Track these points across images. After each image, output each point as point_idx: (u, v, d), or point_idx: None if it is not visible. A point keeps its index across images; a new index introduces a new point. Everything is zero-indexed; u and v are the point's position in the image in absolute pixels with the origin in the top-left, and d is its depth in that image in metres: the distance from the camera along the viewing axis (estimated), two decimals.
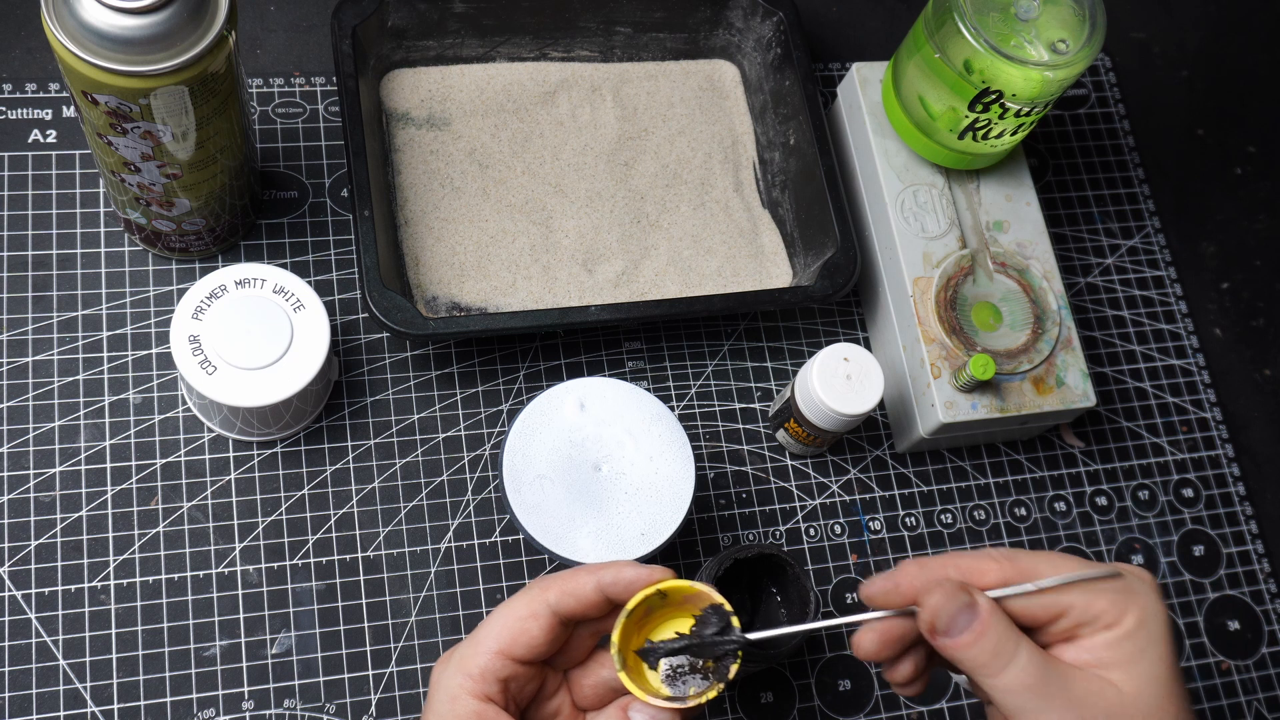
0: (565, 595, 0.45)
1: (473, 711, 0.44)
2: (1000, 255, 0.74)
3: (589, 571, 0.46)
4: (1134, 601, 0.43)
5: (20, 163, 0.71)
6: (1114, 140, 0.89)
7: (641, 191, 0.77)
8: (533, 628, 0.45)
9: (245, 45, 0.78)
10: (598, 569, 0.46)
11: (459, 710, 0.45)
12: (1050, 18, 0.68)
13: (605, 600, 0.46)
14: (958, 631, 0.42)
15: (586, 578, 0.46)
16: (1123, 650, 0.43)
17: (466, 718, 0.44)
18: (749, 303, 0.70)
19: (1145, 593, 0.44)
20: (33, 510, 0.64)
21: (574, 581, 0.46)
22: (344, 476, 0.68)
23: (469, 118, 0.77)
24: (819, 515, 0.73)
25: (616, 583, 0.45)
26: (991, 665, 0.42)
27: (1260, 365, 0.85)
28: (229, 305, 0.62)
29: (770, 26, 0.78)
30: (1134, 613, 0.43)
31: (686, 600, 0.47)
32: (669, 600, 0.46)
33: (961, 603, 0.42)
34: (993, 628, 0.42)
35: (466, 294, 0.72)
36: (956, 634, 0.42)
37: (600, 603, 0.46)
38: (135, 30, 0.53)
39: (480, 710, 0.44)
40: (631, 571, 0.45)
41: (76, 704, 0.61)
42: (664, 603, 0.46)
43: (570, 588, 0.46)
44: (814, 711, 0.68)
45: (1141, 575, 0.44)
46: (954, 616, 0.42)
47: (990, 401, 0.70)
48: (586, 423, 0.62)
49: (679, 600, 0.47)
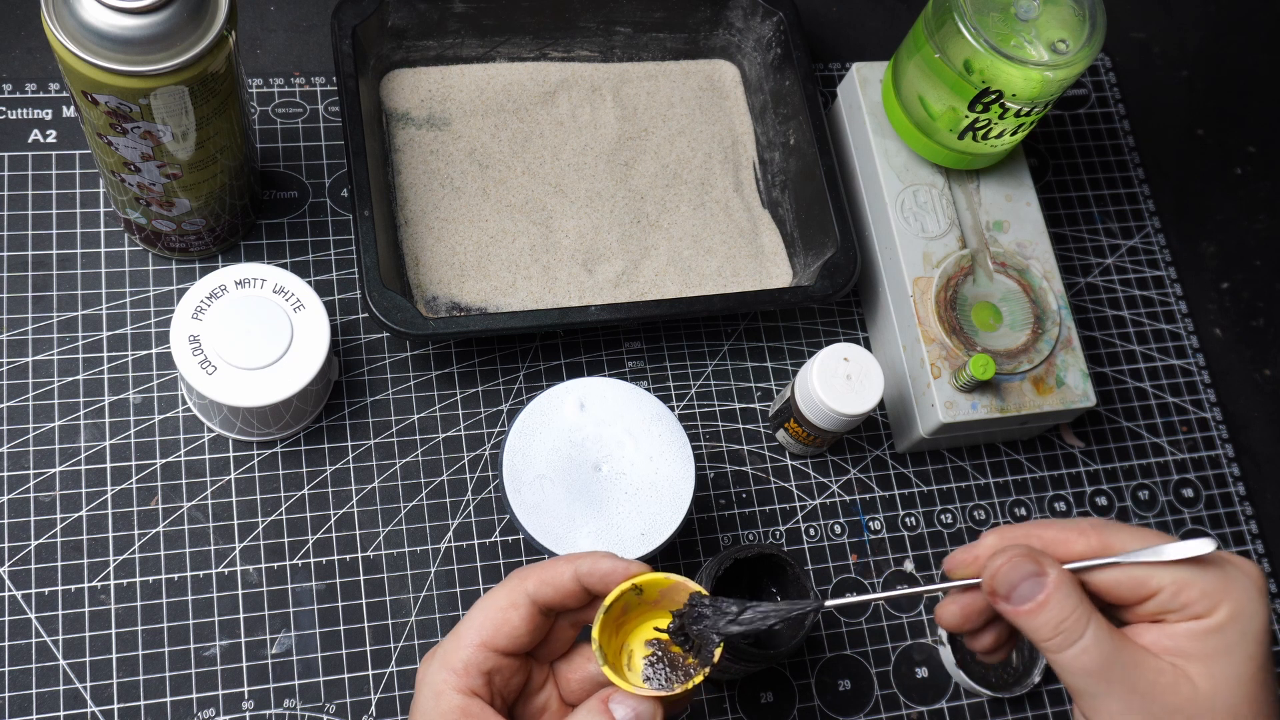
0: (543, 584, 0.45)
1: (457, 707, 0.44)
2: (1000, 255, 0.74)
3: (567, 561, 0.46)
4: (1230, 594, 0.41)
5: (20, 163, 0.71)
6: (1114, 140, 0.89)
7: (641, 191, 0.77)
8: (513, 617, 0.45)
9: (245, 45, 0.78)
10: (575, 558, 0.46)
11: (443, 706, 0.44)
12: (1050, 18, 0.68)
13: (583, 590, 0.46)
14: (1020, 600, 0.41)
15: (564, 567, 0.45)
16: (1207, 644, 0.41)
17: (451, 712, 0.44)
18: (749, 303, 0.70)
19: (1245, 587, 0.41)
20: (33, 510, 0.64)
21: (552, 571, 0.46)
22: (344, 476, 0.68)
23: (469, 118, 0.77)
24: (819, 515, 0.73)
25: (593, 572, 0.45)
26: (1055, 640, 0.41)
27: (1260, 365, 0.85)
28: (229, 305, 0.62)
29: (770, 26, 0.78)
30: (1228, 606, 0.41)
31: (664, 596, 0.46)
32: (645, 596, 0.46)
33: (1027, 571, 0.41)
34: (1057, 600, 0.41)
35: (466, 294, 0.72)
36: (1019, 602, 0.41)
37: (578, 592, 0.46)
38: (135, 30, 0.53)
39: (464, 705, 0.44)
40: (608, 562, 0.45)
41: (76, 704, 0.61)
42: (640, 599, 0.46)
43: (548, 577, 0.45)
44: (814, 711, 0.68)
45: (1246, 569, 0.42)
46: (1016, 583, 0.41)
47: (990, 401, 0.70)
48: (586, 423, 0.62)
49: (655, 597, 0.47)
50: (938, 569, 0.73)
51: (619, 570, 0.45)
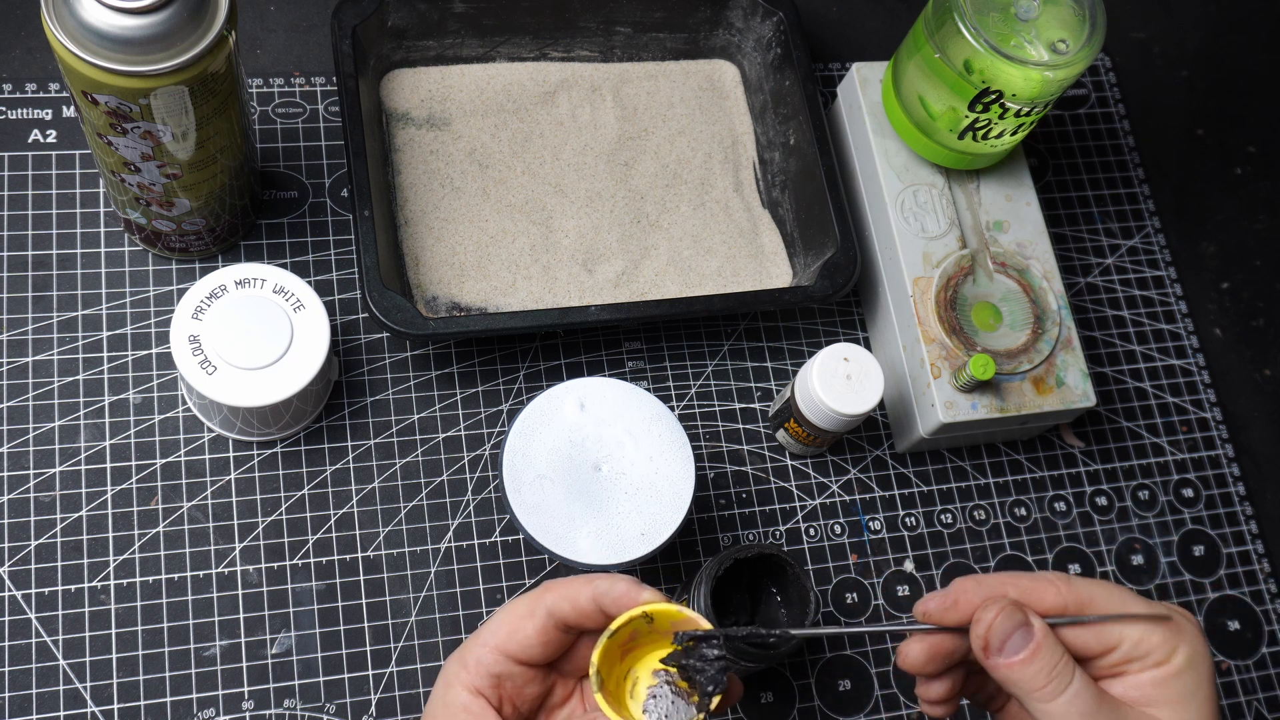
0: (561, 600, 0.45)
1: (460, 703, 0.45)
2: (1000, 255, 0.74)
3: (587, 580, 0.46)
4: (1183, 641, 0.43)
5: (20, 163, 0.71)
6: (1114, 140, 0.89)
7: (641, 191, 0.77)
8: (527, 627, 0.45)
9: (245, 45, 0.78)
10: (595, 578, 0.46)
11: (449, 698, 0.45)
12: (1050, 18, 0.68)
13: (600, 610, 0.45)
14: (1012, 651, 0.42)
15: (584, 586, 0.46)
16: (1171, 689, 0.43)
17: (454, 705, 0.45)
18: (749, 303, 0.70)
19: (1193, 634, 0.43)
20: (33, 510, 0.64)
21: (572, 588, 0.46)
22: (344, 476, 0.68)
23: (469, 118, 0.77)
24: (819, 515, 0.73)
25: (608, 594, 0.45)
26: (1047, 689, 0.42)
27: (1260, 365, 0.85)
28: (229, 305, 0.62)
29: (770, 26, 0.78)
30: (1183, 653, 0.43)
31: (675, 627, 0.46)
32: (657, 625, 0.46)
33: (1017, 621, 0.42)
34: (1047, 650, 0.42)
35: (466, 294, 0.72)
36: (1011, 654, 0.42)
37: (595, 612, 0.45)
38: (135, 30, 0.53)
39: (468, 703, 0.45)
40: (623, 586, 0.45)
41: (76, 704, 0.61)
42: (652, 627, 0.46)
43: (567, 593, 0.46)
44: (814, 711, 0.68)
45: (1187, 616, 0.44)
46: (1008, 635, 0.42)
47: (990, 401, 0.70)
48: (586, 423, 0.62)
49: (667, 627, 0.46)
50: (938, 569, 0.73)
51: (631, 595, 0.45)
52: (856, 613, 0.71)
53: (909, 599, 0.72)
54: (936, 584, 0.73)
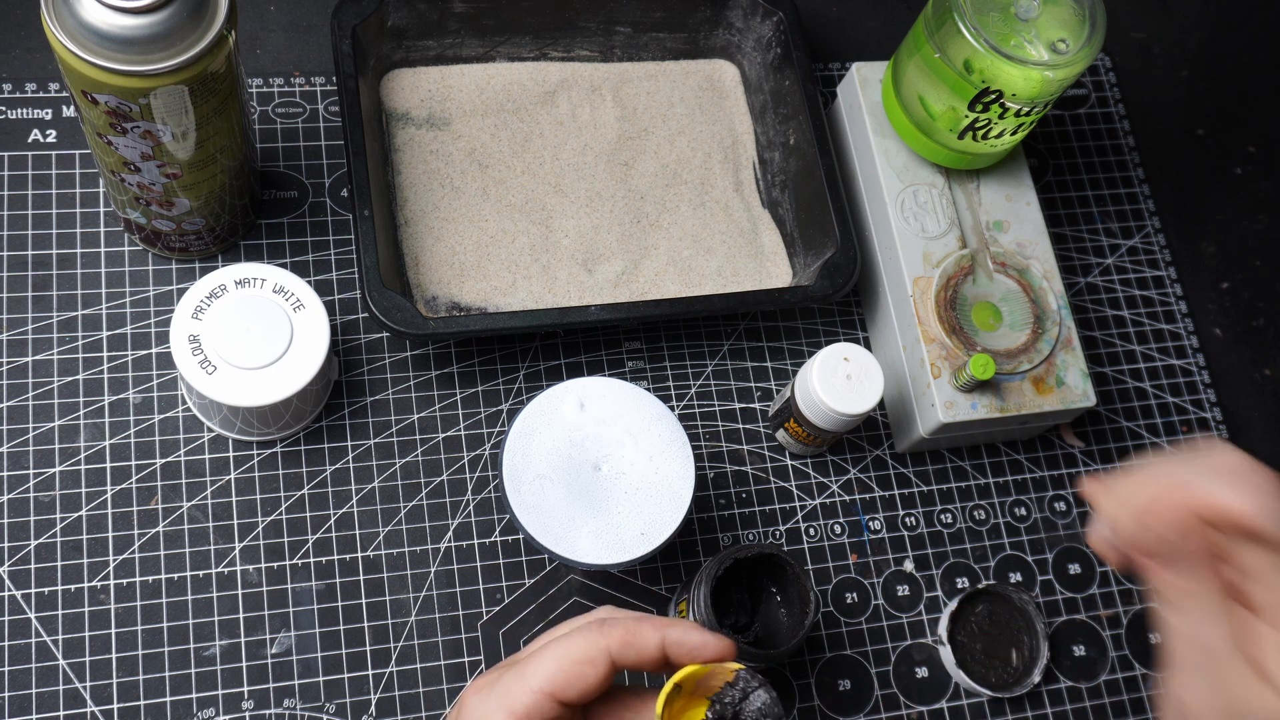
0: (628, 648, 0.43)
1: None
2: (1000, 255, 0.74)
3: (654, 627, 0.44)
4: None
5: (20, 163, 0.71)
6: (1114, 140, 0.89)
7: (641, 191, 0.77)
8: (589, 674, 0.43)
9: (245, 45, 0.78)
10: (664, 625, 0.44)
11: None
12: (1050, 18, 0.68)
13: (665, 658, 0.44)
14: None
15: (652, 634, 0.43)
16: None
17: None
18: (749, 303, 0.70)
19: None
20: (33, 510, 0.64)
21: (639, 635, 0.43)
22: (344, 476, 0.68)
23: (469, 118, 0.77)
24: (819, 515, 0.73)
25: (681, 644, 0.43)
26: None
27: (1260, 365, 0.85)
28: (229, 305, 0.62)
29: (770, 26, 0.78)
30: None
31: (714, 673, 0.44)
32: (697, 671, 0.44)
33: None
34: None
35: (466, 294, 0.72)
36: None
37: (660, 660, 0.44)
38: (135, 30, 0.53)
39: None
40: (698, 636, 0.43)
41: (76, 704, 0.61)
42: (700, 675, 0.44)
43: (634, 640, 0.43)
44: (814, 711, 0.68)
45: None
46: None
47: (990, 401, 0.70)
48: (586, 422, 0.62)
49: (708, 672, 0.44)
50: (938, 569, 0.73)
51: (709, 646, 0.43)
52: (856, 613, 0.71)
53: (909, 599, 0.72)
54: (936, 584, 0.73)
